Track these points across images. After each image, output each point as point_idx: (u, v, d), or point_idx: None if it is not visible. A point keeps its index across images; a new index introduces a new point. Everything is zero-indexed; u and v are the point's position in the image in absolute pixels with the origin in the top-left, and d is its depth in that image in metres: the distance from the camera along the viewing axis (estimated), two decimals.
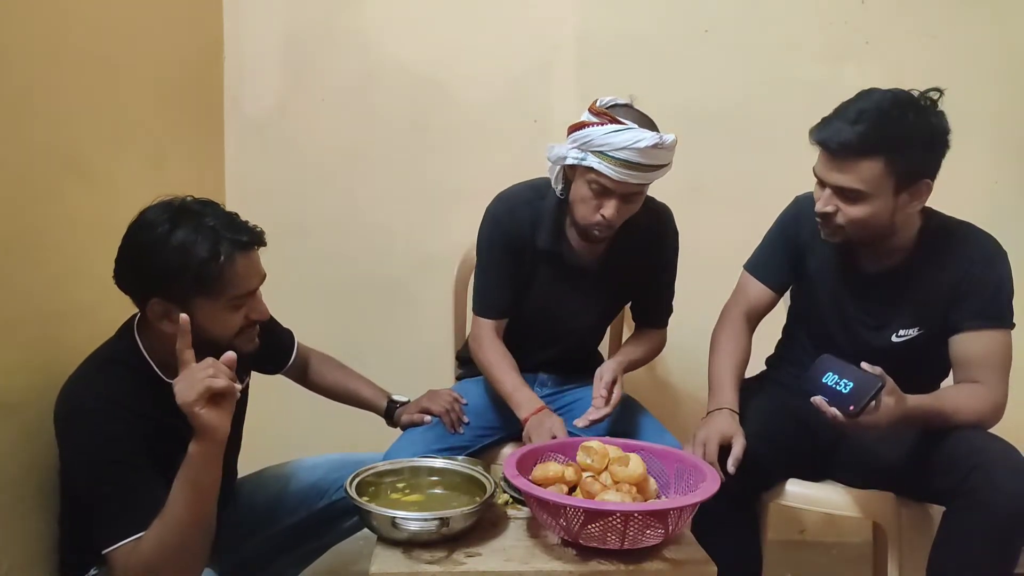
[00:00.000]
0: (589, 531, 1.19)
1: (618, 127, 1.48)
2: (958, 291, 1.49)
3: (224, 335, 1.26)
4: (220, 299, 1.23)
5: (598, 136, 1.49)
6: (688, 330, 1.78)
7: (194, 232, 1.21)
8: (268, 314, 1.33)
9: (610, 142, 1.48)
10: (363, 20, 2.24)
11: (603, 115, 1.51)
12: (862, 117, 1.39)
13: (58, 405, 1.23)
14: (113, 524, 1.16)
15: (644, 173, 1.50)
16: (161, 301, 1.22)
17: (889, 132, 1.38)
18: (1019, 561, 1.35)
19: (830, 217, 1.46)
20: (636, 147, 1.46)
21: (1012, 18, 2.25)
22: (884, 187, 1.41)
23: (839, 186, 1.43)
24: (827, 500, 1.56)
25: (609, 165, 1.48)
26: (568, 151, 1.55)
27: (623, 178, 1.49)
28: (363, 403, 1.72)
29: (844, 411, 1.32)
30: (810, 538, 2.41)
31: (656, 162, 1.50)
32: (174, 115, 1.94)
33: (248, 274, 1.26)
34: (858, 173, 1.40)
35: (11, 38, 1.27)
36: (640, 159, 1.48)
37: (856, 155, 1.39)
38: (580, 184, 1.56)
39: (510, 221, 1.67)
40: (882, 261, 1.55)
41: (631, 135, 1.47)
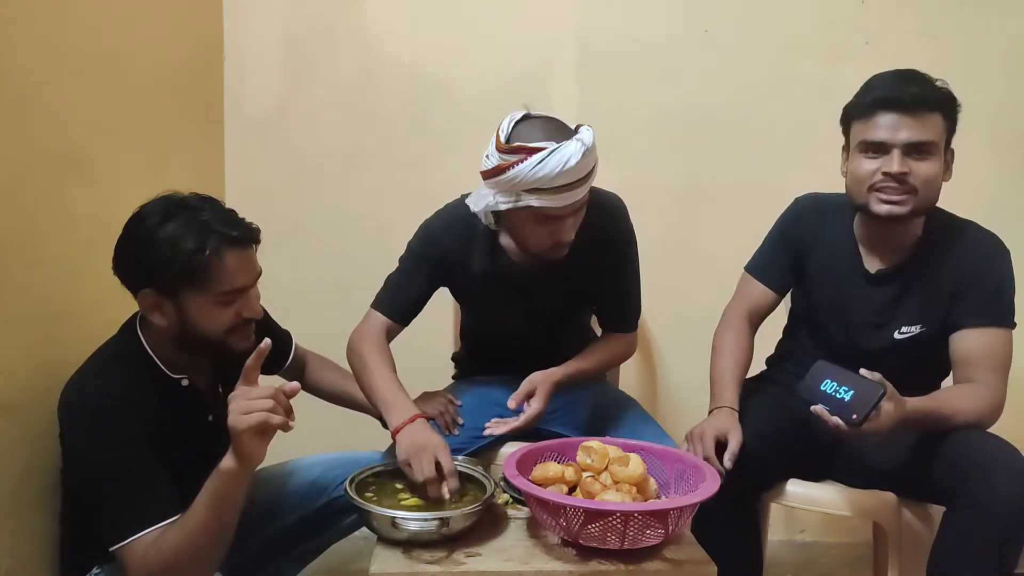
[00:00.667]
0: (589, 531, 1.19)
1: (540, 156, 1.35)
2: (960, 289, 1.49)
3: (214, 331, 1.26)
4: (209, 293, 1.23)
5: (525, 174, 1.35)
6: (688, 330, 1.79)
7: (184, 225, 1.21)
8: (261, 312, 1.32)
9: (542, 175, 1.35)
10: (363, 20, 2.24)
11: (517, 151, 1.37)
12: (912, 78, 1.45)
13: (62, 403, 1.23)
14: (121, 521, 1.16)
15: (583, 184, 1.40)
16: (152, 293, 1.23)
17: (939, 91, 1.45)
18: (1019, 561, 1.35)
19: (905, 178, 1.44)
20: (569, 167, 1.34)
21: (1012, 17, 2.25)
22: (941, 145, 1.46)
23: (913, 141, 1.43)
24: (827, 500, 1.56)
25: (550, 197, 1.38)
26: (495, 198, 1.42)
27: (567, 201, 1.39)
28: (359, 406, 1.71)
29: (847, 420, 1.30)
30: (810, 538, 2.41)
31: (588, 166, 1.39)
32: (174, 115, 1.94)
33: (238, 270, 1.25)
34: (931, 126, 1.43)
35: (11, 38, 1.28)
36: (576, 176, 1.37)
37: (926, 108, 1.43)
38: (522, 221, 1.46)
39: (444, 242, 1.61)
40: (885, 259, 1.55)
41: (557, 158, 1.34)
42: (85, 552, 1.29)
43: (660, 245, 1.77)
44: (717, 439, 1.44)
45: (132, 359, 1.27)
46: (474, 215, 1.55)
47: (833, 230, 1.61)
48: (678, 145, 2.29)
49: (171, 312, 1.24)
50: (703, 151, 2.28)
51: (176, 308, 1.23)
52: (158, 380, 1.28)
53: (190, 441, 1.27)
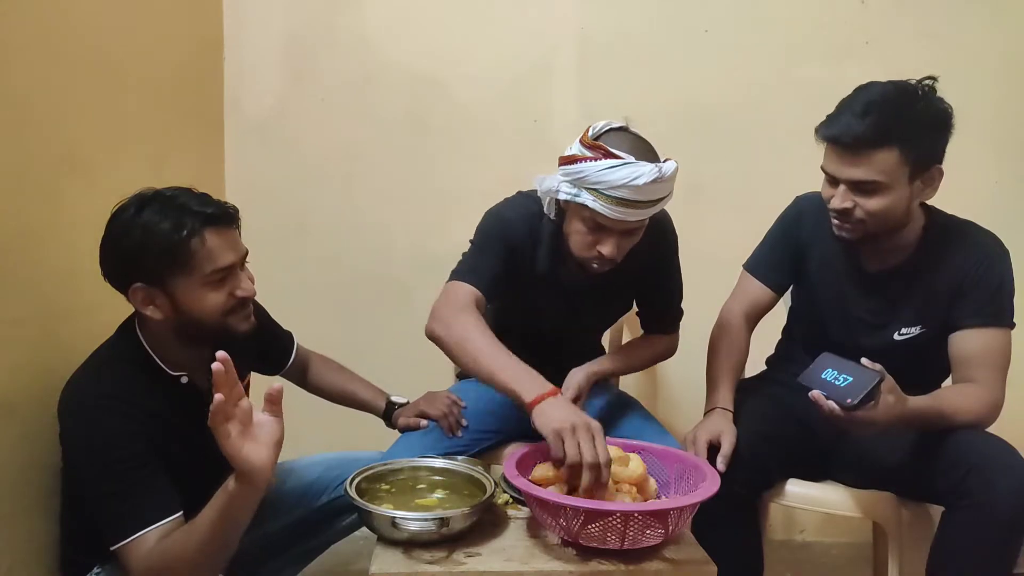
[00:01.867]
0: (589, 531, 1.19)
1: (613, 163, 1.36)
2: (960, 289, 1.49)
3: (209, 314, 1.25)
4: (195, 275, 1.22)
5: (592, 173, 1.37)
6: (688, 331, 1.78)
7: (159, 211, 1.21)
8: (253, 290, 1.30)
9: (605, 180, 1.36)
10: (363, 20, 2.24)
11: (596, 148, 1.38)
12: (871, 108, 1.38)
13: (62, 403, 1.23)
14: (122, 520, 1.16)
15: (643, 209, 1.39)
16: (142, 287, 1.22)
17: (900, 120, 1.38)
18: (1018, 561, 1.35)
19: (848, 213, 1.44)
20: (634, 184, 1.34)
21: (1012, 18, 2.26)
22: (900, 176, 1.41)
23: (856, 180, 1.41)
24: (827, 500, 1.56)
25: (605, 204, 1.38)
26: (559, 185, 1.44)
27: (621, 216, 1.39)
28: (362, 405, 1.72)
29: (841, 404, 1.29)
30: (810, 538, 2.41)
31: (655, 197, 1.39)
32: (174, 115, 1.94)
33: (221, 249, 1.24)
34: (874, 165, 1.39)
35: (11, 38, 1.28)
36: (638, 196, 1.36)
37: (870, 147, 1.38)
38: (575, 219, 1.46)
39: (515, 228, 1.57)
40: (885, 260, 1.55)
41: (628, 171, 1.35)
42: (85, 552, 1.29)
43: None
44: (710, 442, 1.45)
45: (131, 358, 1.27)
46: (538, 208, 1.55)
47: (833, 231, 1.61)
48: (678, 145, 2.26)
49: (164, 303, 1.23)
50: (703, 151, 2.28)
51: (168, 298, 1.23)
52: (157, 378, 1.28)
53: (190, 439, 1.27)
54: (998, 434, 1.43)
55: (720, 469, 1.39)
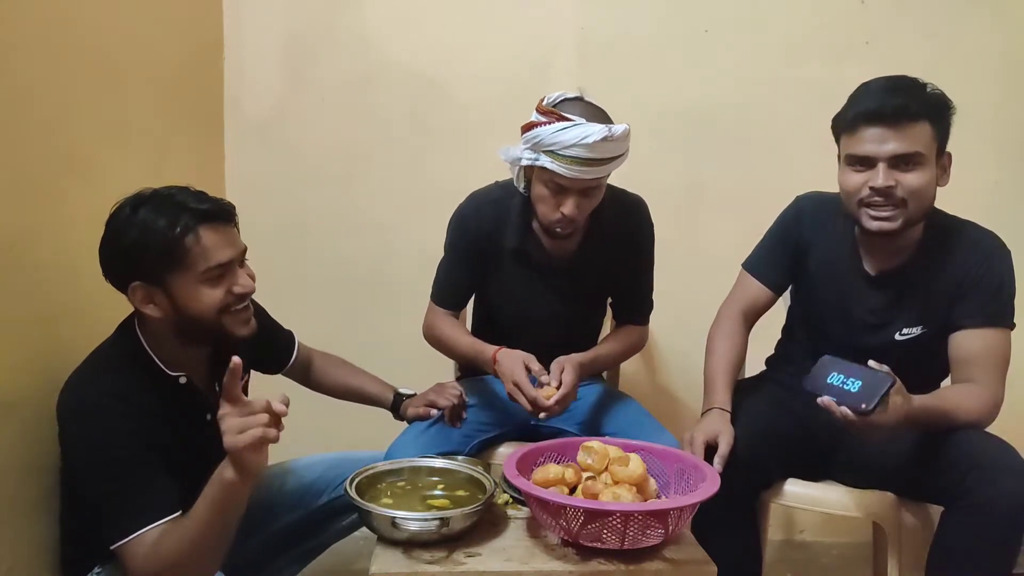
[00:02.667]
0: (589, 531, 1.19)
1: (565, 124, 1.47)
2: (961, 289, 1.49)
3: (206, 312, 1.24)
4: (192, 272, 1.22)
5: (547, 135, 1.48)
6: (687, 330, 1.79)
7: (155, 209, 1.22)
8: (251, 287, 1.29)
9: (559, 140, 1.47)
10: (363, 20, 2.24)
11: (550, 113, 1.50)
12: (897, 86, 1.43)
13: (61, 403, 1.23)
14: (121, 519, 1.16)
15: (597, 167, 1.50)
16: (141, 285, 1.22)
17: (928, 98, 1.43)
18: (1018, 561, 1.35)
19: (891, 192, 1.43)
20: (585, 143, 1.46)
21: (1012, 18, 2.25)
22: (932, 153, 1.44)
23: (898, 154, 1.41)
24: (827, 500, 1.56)
25: (561, 163, 1.49)
26: (522, 152, 1.56)
27: (576, 175, 1.49)
28: (369, 399, 1.71)
29: (856, 410, 1.28)
30: (810, 538, 2.41)
31: (608, 155, 1.49)
32: (174, 115, 1.94)
33: (217, 245, 1.23)
34: (917, 136, 1.41)
35: (11, 38, 1.28)
36: (590, 154, 1.47)
37: (911, 118, 1.40)
38: (537, 184, 1.58)
39: (476, 220, 1.70)
40: (886, 261, 1.55)
41: (579, 131, 1.46)
42: (85, 552, 1.29)
43: (660, 244, 1.77)
44: (707, 443, 1.44)
45: (130, 358, 1.27)
46: (506, 196, 1.69)
47: (834, 230, 1.60)
48: (678, 145, 2.29)
49: (163, 301, 1.23)
50: (703, 151, 2.28)
51: (166, 296, 1.23)
52: (156, 378, 1.28)
53: (187, 439, 1.27)
54: (998, 434, 1.43)
55: (717, 470, 1.38)
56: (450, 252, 1.75)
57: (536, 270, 1.70)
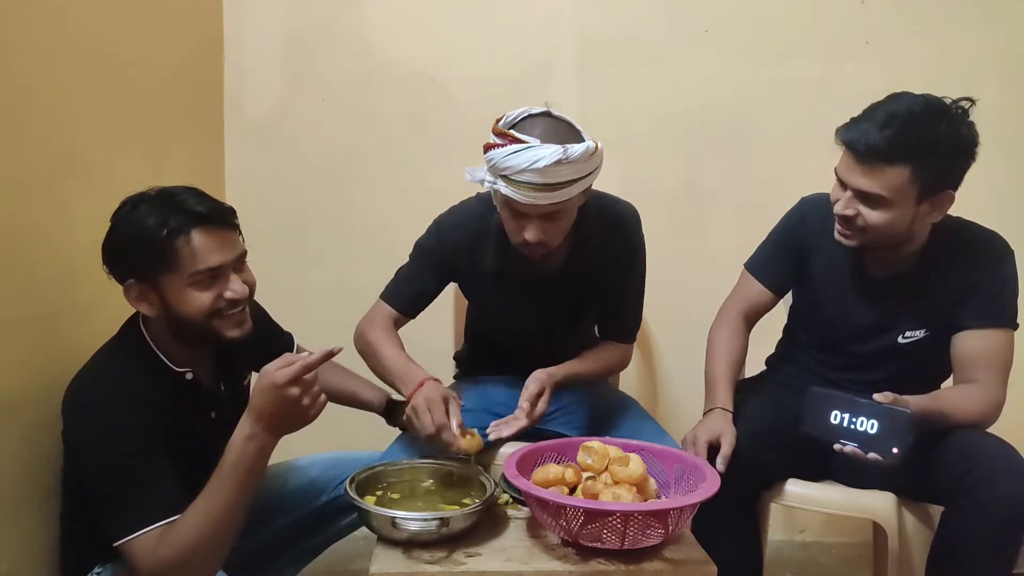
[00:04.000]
0: (589, 531, 1.19)
1: (517, 147, 1.37)
2: (964, 290, 1.49)
3: (196, 315, 1.23)
4: (181, 274, 1.21)
5: (499, 159, 1.39)
6: (687, 330, 1.78)
7: (150, 208, 1.21)
8: (246, 293, 1.27)
9: (510, 165, 1.37)
10: (363, 20, 2.24)
11: (503, 135, 1.40)
12: (892, 121, 1.35)
13: (68, 400, 1.23)
14: (130, 514, 1.16)
15: (552, 192, 1.39)
16: (134, 283, 1.23)
17: (918, 139, 1.35)
18: (1017, 561, 1.35)
19: (850, 220, 1.44)
20: (535, 168, 1.35)
21: (1012, 18, 2.25)
22: (907, 195, 1.38)
23: (862, 190, 1.40)
24: (827, 500, 1.56)
25: (514, 189, 1.39)
26: (484, 174, 1.46)
27: (531, 200, 1.39)
28: (363, 404, 1.72)
29: (887, 456, 1.28)
30: (810, 538, 2.41)
31: (564, 179, 1.38)
32: (174, 115, 1.94)
33: (210, 249, 1.22)
34: (883, 179, 1.37)
35: (11, 37, 1.28)
36: (543, 179, 1.37)
37: (883, 160, 1.36)
38: (501, 207, 1.50)
39: (454, 237, 1.64)
40: (891, 266, 1.54)
41: (529, 155, 1.36)
42: (86, 551, 1.29)
43: (660, 245, 1.77)
44: (710, 443, 1.44)
45: (136, 354, 1.27)
46: (486, 213, 1.60)
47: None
48: (678, 145, 2.29)
49: (156, 300, 1.23)
50: (703, 151, 2.28)
51: (158, 295, 1.23)
52: (163, 375, 1.28)
53: (193, 437, 1.27)
54: (998, 434, 1.44)
55: (720, 470, 1.38)
56: (420, 257, 1.67)
57: (519, 288, 1.64)
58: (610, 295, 1.68)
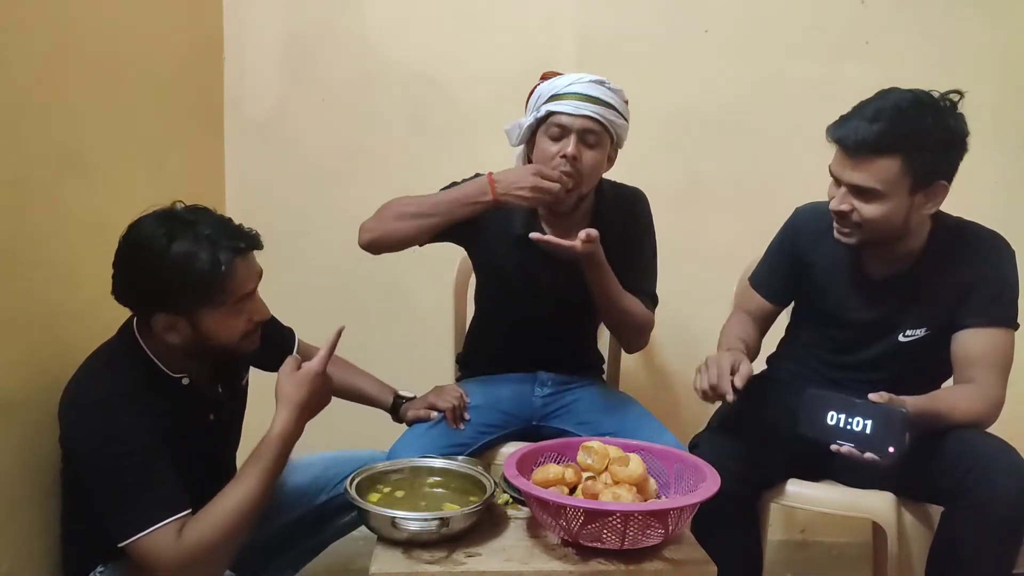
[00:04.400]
0: (589, 531, 1.19)
1: (562, 76, 1.62)
2: (965, 289, 1.49)
3: (231, 340, 1.28)
4: (224, 306, 1.24)
5: (546, 88, 1.61)
6: (687, 330, 1.79)
7: (193, 244, 1.20)
8: (269, 314, 1.35)
9: (557, 85, 1.60)
10: (363, 20, 2.24)
11: (548, 76, 1.64)
12: (880, 115, 1.38)
13: (66, 402, 1.23)
14: (133, 514, 1.16)
15: (597, 106, 1.58)
16: (167, 315, 1.23)
17: (907, 131, 1.37)
18: (1017, 561, 1.35)
19: (846, 216, 1.45)
20: (581, 81, 1.59)
21: (1012, 18, 2.25)
22: (900, 187, 1.40)
23: (855, 184, 1.41)
24: (827, 500, 1.56)
25: (562, 101, 1.58)
26: (526, 118, 1.65)
27: (576, 109, 1.57)
28: (368, 399, 1.71)
29: (882, 454, 1.28)
30: (810, 538, 2.41)
31: (605, 99, 1.59)
32: (174, 115, 1.94)
33: (247, 277, 1.27)
34: (874, 172, 1.39)
35: (11, 38, 1.28)
36: (588, 91, 1.58)
37: (873, 153, 1.38)
38: (542, 140, 1.62)
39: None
40: (891, 267, 1.54)
41: (574, 75, 1.61)
42: (87, 551, 1.29)
43: (660, 244, 1.77)
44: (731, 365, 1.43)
45: (132, 359, 1.27)
46: None
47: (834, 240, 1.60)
48: (678, 145, 2.29)
49: (185, 329, 1.24)
50: (703, 151, 2.28)
51: (191, 325, 1.24)
52: (159, 379, 1.28)
53: (191, 440, 1.28)
54: (998, 434, 1.43)
55: (738, 385, 1.39)
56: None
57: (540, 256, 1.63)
58: (629, 261, 1.70)
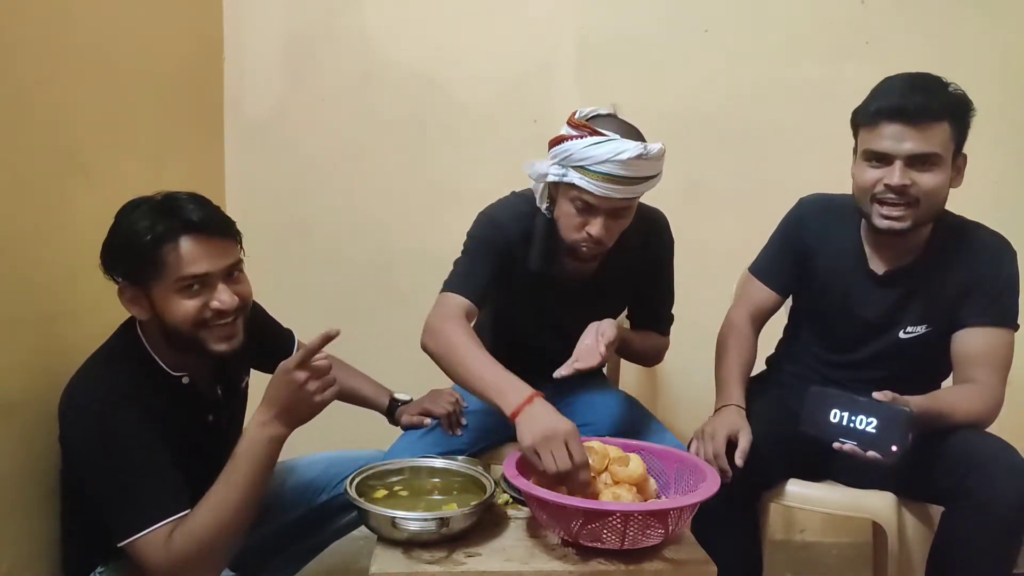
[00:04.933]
0: (589, 531, 1.19)
1: (598, 139, 1.39)
2: (966, 288, 1.49)
3: (181, 323, 1.22)
4: (167, 281, 1.21)
5: (577, 150, 1.40)
6: (687, 330, 1.78)
7: (146, 213, 1.21)
8: (232, 304, 1.25)
9: (590, 155, 1.39)
10: (363, 20, 2.24)
11: (582, 127, 1.42)
12: (919, 85, 1.41)
13: (65, 402, 1.23)
14: (131, 514, 1.16)
15: (629, 187, 1.42)
16: (127, 285, 1.23)
17: (948, 97, 1.41)
18: (1018, 561, 1.35)
19: (905, 191, 1.42)
20: (618, 159, 1.37)
21: (1012, 18, 2.26)
22: (949, 153, 1.42)
23: (916, 153, 1.40)
24: (827, 500, 1.56)
25: (591, 180, 1.40)
26: (549, 168, 1.46)
27: (606, 193, 1.41)
28: (365, 402, 1.72)
29: (885, 453, 1.28)
30: (810, 538, 2.41)
31: (641, 174, 1.41)
32: (174, 115, 1.94)
33: (195, 257, 1.21)
34: (935, 136, 1.40)
35: (12, 38, 1.28)
36: (623, 172, 1.39)
37: (931, 118, 1.39)
38: (564, 201, 1.49)
39: (507, 230, 1.58)
40: (893, 261, 1.54)
41: (612, 147, 1.38)
42: (87, 551, 1.29)
43: None
44: (728, 437, 1.44)
45: (133, 358, 1.27)
46: (531, 211, 1.58)
47: (839, 232, 1.60)
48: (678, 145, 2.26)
49: (145, 304, 1.23)
50: (703, 151, 2.28)
51: (148, 300, 1.23)
52: (159, 378, 1.28)
53: (190, 440, 1.27)
54: (998, 434, 1.43)
55: (738, 464, 1.39)
56: (481, 246, 1.57)
57: (555, 289, 1.63)
58: (650, 291, 1.70)
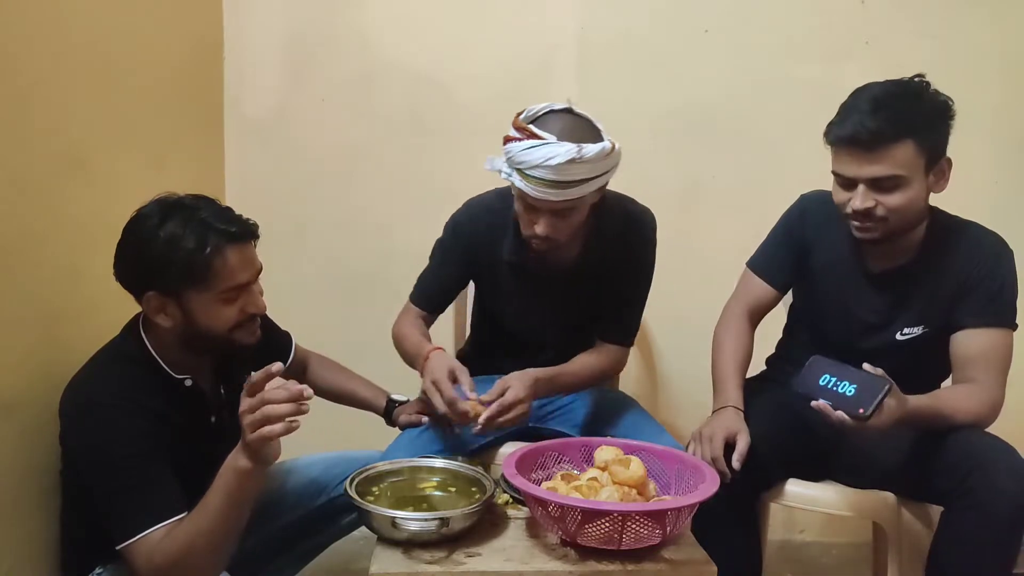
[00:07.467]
0: (588, 531, 1.19)
1: (532, 143, 1.40)
2: (963, 289, 1.49)
3: (219, 328, 1.27)
4: (211, 291, 1.23)
5: (516, 153, 1.42)
6: (687, 330, 1.79)
7: (183, 224, 1.22)
8: (264, 307, 1.33)
9: (525, 160, 1.40)
10: (363, 20, 2.24)
11: (522, 130, 1.43)
12: (879, 104, 1.39)
13: (66, 402, 1.23)
14: (131, 517, 1.16)
15: (563, 190, 1.41)
16: (156, 295, 1.23)
17: (911, 113, 1.39)
18: (1018, 561, 1.35)
19: (871, 213, 1.43)
20: (548, 165, 1.38)
21: (1011, 18, 2.25)
22: (917, 169, 1.41)
23: (875, 177, 1.40)
24: (827, 500, 1.56)
25: (527, 184, 1.42)
26: (503, 165, 1.49)
27: (542, 196, 1.42)
28: (362, 403, 1.72)
29: (853, 415, 1.28)
30: (810, 538, 2.41)
31: (575, 177, 1.40)
32: (174, 115, 1.94)
33: (239, 266, 1.25)
34: (893, 159, 1.39)
35: (12, 38, 1.28)
36: (555, 176, 1.39)
37: (888, 141, 1.38)
38: (516, 198, 1.52)
39: (471, 227, 1.66)
40: (890, 260, 1.54)
41: (544, 152, 1.38)
42: (87, 552, 1.29)
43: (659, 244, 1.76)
44: (726, 440, 1.44)
45: (136, 360, 1.27)
46: (503, 206, 1.63)
47: (837, 229, 1.60)
48: (678, 145, 2.29)
49: (176, 312, 1.24)
50: (703, 151, 2.28)
51: (180, 308, 1.24)
52: (161, 380, 1.28)
53: (192, 442, 1.28)
54: (998, 434, 1.43)
55: (736, 467, 1.39)
56: (440, 255, 1.71)
57: (533, 280, 1.65)
58: (616, 292, 1.68)
